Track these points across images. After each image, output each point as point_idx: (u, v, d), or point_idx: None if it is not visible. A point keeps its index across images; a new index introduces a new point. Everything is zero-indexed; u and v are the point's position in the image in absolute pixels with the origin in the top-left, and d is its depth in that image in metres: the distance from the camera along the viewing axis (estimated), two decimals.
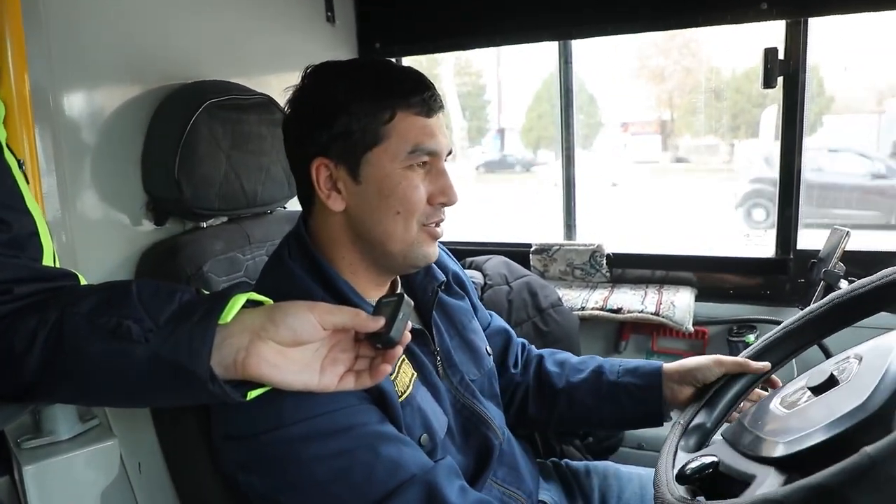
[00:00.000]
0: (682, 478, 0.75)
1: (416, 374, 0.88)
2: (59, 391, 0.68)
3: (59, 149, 1.08)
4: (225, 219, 1.25)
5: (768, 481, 0.64)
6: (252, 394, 0.66)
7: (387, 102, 0.81)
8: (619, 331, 1.76)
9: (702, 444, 0.85)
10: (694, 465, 0.74)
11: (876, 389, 0.64)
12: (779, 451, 0.67)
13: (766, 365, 0.94)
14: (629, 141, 8.64)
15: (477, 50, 1.88)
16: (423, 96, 0.83)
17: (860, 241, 1.49)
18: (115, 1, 1.15)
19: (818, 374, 0.72)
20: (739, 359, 0.96)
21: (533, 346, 1.20)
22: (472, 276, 1.56)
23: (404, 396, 0.84)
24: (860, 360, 0.73)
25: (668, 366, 1.04)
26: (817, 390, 0.71)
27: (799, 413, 0.72)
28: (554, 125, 1.83)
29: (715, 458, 0.75)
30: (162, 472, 1.15)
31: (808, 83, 1.51)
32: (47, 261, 0.71)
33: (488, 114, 9.29)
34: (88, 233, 1.12)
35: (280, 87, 1.29)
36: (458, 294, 1.05)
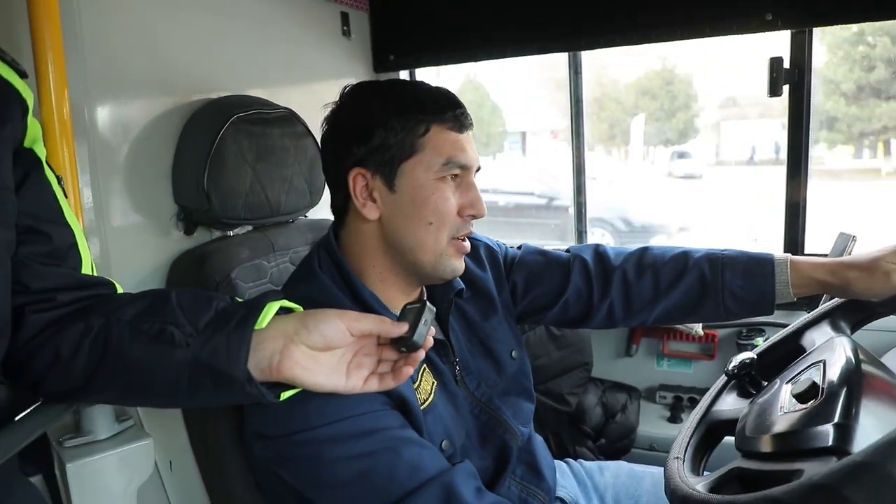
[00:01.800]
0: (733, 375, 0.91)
1: (436, 382, 0.91)
2: (103, 393, 0.73)
3: (95, 163, 1.13)
4: (250, 227, 1.30)
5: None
6: (285, 395, 0.71)
7: (422, 117, 0.85)
8: (630, 335, 1.80)
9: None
10: (735, 363, 0.91)
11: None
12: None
13: None
14: (559, 147, 9.10)
15: None
16: (455, 112, 0.87)
17: None
18: (145, 23, 1.21)
19: (802, 383, 0.76)
20: None
21: (609, 251, 1.10)
22: None
23: (427, 404, 0.87)
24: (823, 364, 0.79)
25: (798, 271, 1.00)
26: (802, 398, 0.75)
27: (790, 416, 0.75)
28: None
29: (753, 356, 0.91)
30: (192, 471, 1.19)
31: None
32: (85, 269, 0.75)
33: None
34: (122, 242, 1.18)
35: (300, 99, 1.34)
36: (482, 299, 1.05)
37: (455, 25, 1.81)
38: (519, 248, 1.15)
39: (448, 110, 0.86)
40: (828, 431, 0.67)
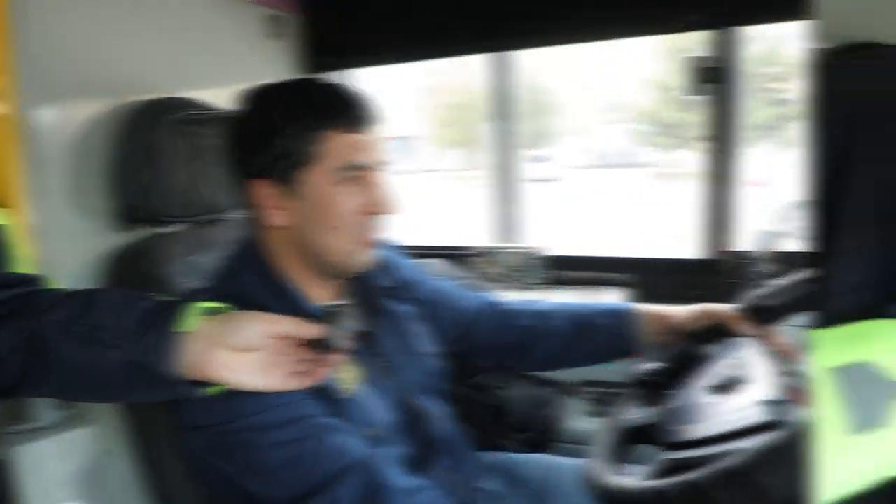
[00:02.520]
0: (641, 384, 0.96)
1: (359, 374, 0.96)
2: (40, 389, 0.77)
3: (33, 163, 1.16)
4: (185, 225, 1.33)
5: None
6: (211, 391, 0.76)
7: (318, 123, 0.86)
8: None
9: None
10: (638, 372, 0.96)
11: None
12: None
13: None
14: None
15: None
16: (352, 114, 0.88)
17: None
18: (79, 26, 1.24)
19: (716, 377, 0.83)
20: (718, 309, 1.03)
21: (498, 301, 1.25)
22: None
23: (348, 395, 0.93)
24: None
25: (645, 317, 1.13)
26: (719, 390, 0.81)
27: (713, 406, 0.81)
28: None
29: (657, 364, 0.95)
30: (132, 459, 1.23)
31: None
32: (15, 268, 0.79)
33: None
34: (60, 239, 1.22)
35: (232, 100, 1.39)
36: (407, 300, 1.11)
37: (387, 29, 1.82)
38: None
39: (344, 113, 0.87)
40: (754, 411, 0.72)
